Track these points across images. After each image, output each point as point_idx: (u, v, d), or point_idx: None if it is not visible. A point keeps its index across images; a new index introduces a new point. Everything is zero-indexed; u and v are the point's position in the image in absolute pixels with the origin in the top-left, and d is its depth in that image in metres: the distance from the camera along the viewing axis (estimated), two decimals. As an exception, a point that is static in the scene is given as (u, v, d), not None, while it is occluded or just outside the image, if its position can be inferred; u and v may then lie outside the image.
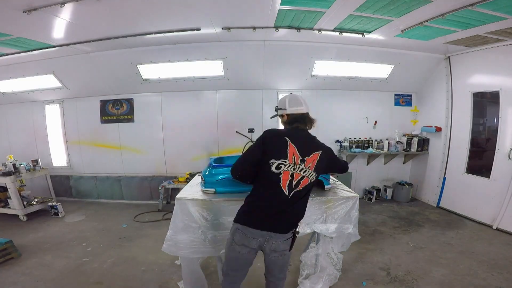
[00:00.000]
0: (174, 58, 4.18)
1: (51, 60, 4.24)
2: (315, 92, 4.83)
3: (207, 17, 3.09)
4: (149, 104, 4.90)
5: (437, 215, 4.19)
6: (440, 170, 4.52)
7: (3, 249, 2.92)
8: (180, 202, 1.97)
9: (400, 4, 2.62)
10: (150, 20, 3.14)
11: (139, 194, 5.11)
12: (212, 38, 3.75)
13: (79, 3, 2.52)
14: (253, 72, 4.47)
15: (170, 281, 2.57)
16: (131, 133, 4.97)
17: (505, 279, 2.49)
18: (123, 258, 3.00)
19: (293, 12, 2.93)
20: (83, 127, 5.06)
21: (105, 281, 2.57)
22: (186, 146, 4.91)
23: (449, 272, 2.64)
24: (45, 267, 2.83)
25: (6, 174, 4.05)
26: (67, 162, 5.20)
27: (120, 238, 3.52)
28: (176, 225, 1.96)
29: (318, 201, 2.04)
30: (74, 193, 5.29)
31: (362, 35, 3.50)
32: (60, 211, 4.34)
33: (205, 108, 4.84)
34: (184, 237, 1.94)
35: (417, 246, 3.19)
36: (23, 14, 2.61)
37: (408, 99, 5.05)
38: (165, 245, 1.96)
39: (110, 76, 4.56)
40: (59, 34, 3.38)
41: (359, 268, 2.74)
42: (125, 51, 4.08)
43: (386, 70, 4.55)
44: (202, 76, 4.50)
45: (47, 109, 5.10)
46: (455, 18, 2.85)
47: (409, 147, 4.81)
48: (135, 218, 4.25)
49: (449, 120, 4.39)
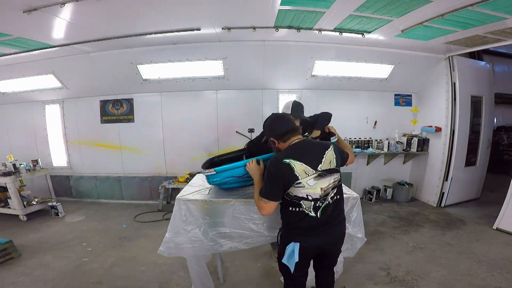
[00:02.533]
0: (174, 58, 4.17)
1: (51, 60, 4.24)
2: (315, 92, 4.83)
3: (207, 17, 3.09)
4: (149, 104, 4.90)
5: (437, 215, 4.19)
6: (440, 170, 4.52)
7: (3, 249, 2.93)
8: (180, 202, 1.97)
9: (400, 4, 2.61)
10: (150, 20, 3.14)
11: (139, 194, 5.11)
12: (212, 38, 3.75)
13: (79, 3, 2.52)
14: (253, 72, 4.47)
15: (170, 281, 2.57)
16: (131, 133, 4.97)
17: (505, 279, 2.49)
18: (123, 258, 3.00)
19: (293, 12, 2.93)
20: (83, 127, 5.06)
21: (105, 281, 2.58)
22: (186, 146, 4.91)
23: (449, 272, 2.64)
24: (45, 267, 2.83)
25: (6, 174, 4.05)
26: (67, 162, 5.20)
27: (120, 238, 3.52)
28: (176, 225, 1.95)
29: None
30: (74, 193, 5.29)
31: (362, 35, 3.50)
32: (60, 211, 4.34)
33: (205, 108, 4.85)
34: (185, 238, 1.92)
35: (417, 246, 3.18)
36: (23, 14, 2.61)
37: (408, 99, 5.05)
38: (163, 247, 1.92)
39: (110, 76, 4.56)
40: (59, 34, 3.38)
41: (359, 268, 2.74)
42: (125, 51, 4.08)
43: (386, 70, 4.54)
44: (202, 76, 4.49)
45: (47, 109, 5.11)
46: (455, 18, 2.84)
47: (409, 147, 4.80)
48: (135, 218, 4.25)
49: (449, 120, 4.39)
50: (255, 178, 1.71)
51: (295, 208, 1.54)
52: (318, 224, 1.55)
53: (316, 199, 1.52)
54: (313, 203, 1.52)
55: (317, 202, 1.52)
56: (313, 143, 1.65)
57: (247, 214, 1.91)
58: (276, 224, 1.92)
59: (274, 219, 1.88)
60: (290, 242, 1.55)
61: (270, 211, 1.56)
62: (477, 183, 4.87)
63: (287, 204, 1.57)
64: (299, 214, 1.54)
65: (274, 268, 2.75)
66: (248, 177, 1.97)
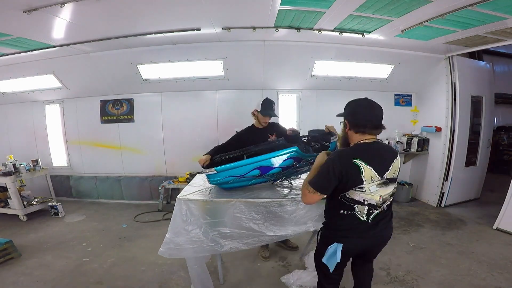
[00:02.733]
0: (174, 58, 4.17)
1: (51, 60, 4.23)
2: (315, 92, 4.82)
3: (207, 17, 3.09)
4: (149, 104, 4.90)
5: (437, 215, 4.19)
6: (440, 170, 4.52)
7: (3, 249, 2.92)
8: (181, 202, 1.97)
9: (400, 4, 2.61)
10: (150, 20, 3.14)
11: (139, 194, 5.11)
12: (212, 38, 3.75)
13: (79, 3, 2.52)
14: (253, 72, 4.47)
15: (170, 281, 2.57)
16: (131, 133, 4.97)
17: (505, 279, 2.49)
18: (123, 258, 3.00)
19: (293, 12, 2.92)
20: (83, 127, 5.05)
21: (105, 281, 2.57)
22: (186, 146, 4.90)
23: (449, 272, 2.64)
24: (45, 267, 2.83)
25: (6, 174, 4.05)
26: (67, 162, 5.20)
27: (120, 238, 3.52)
28: (176, 225, 1.95)
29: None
30: (74, 193, 5.28)
31: (362, 35, 3.49)
32: (60, 211, 4.34)
33: (205, 108, 4.84)
34: (185, 238, 1.92)
35: (417, 246, 3.19)
36: (23, 14, 2.60)
37: (408, 99, 5.05)
38: (163, 248, 1.91)
39: (110, 76, 4.56)
40: (59, 34, 3.37)
41: (359, 268, 2.74)
42: (125, 51, 4.08)
43: (386, 70, 4.54)
44: (202, 76, 4.49)
45: (47, 109, 5.10)
46: (455, 18, 2.84)
47: (409, 147, 4.80)
48: (135, 218, 4.25)
49: (449, 120, 4.39)
50: (315, 165, 1.59)
51: (347, 212, 1.47)
52: (366, 228, 1.49)
53: (371, 205, 1.45)
54: (367, 208, 1.45)
55: (371, 209, 1.46)
56: (386, 148, 1.55)
57: (248, 214, 1.91)
58: (278, 224, 1.92)
59: (276, 220, 1.89)
60: (333, 243, 1.49)
61: (312, 201, 1.48)
62: (477, 183, 4.87)
63: (339, 206, 1.49)
64: (350, 217, 1.47)
65: (274, 268, 2.75)
66: (248, 177, 1.98)
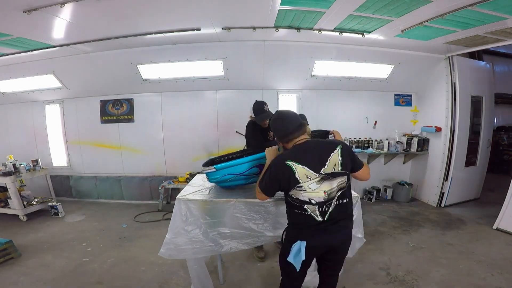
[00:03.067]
0: (174, 58, 4.18)
1: (51, 60, 4.24)
2: (315, 92, 4.82)
3: (207, 17, 3.09)
4: (149, 104, 4.90)
5: (437, 215, 4.19)
6: (440, 170, 4.52)
7: (3, 249, 2.92)
8: (180, 202, 1.96)
9: (400, 4, 2.62)
10: (150, 20, 3.14)
11: (139, 194, 5.10)
12: (212, 38, 3.75)
13: (79, 3, 2.52)
14: (253, 72, 4.47)
15: (170, 281, 2.57)
16: (131, 133, 4.97)
17: (505, 279, 2.49)
18: (123, 258, 3.00)
19: (293, 12, 2.93)
20: (83, 127, 5.05)
21: (105, 281, 2.57)
22: (186, 146, 4.91)
23: (449, 272, 2.64)
24: (45, 267, 2.83)
25: (6, 174, 4.04)
26: (67, 162, 5.20)
27: (120, 238, 3.52)
28: (176, 225, 1.95)
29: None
30: (74, 193, 5.28)
31: (362, 35, 3.50)
32: (60, 211, 4.34)
33: (205, 108, 4.84)
34: (185, 238, 1.92)
35: (417, 246, 3.18)
36: (23, 14, 2.61)
37: (408, 99, 5.05)
38: (163, 249, 1.90)
39: (110, 76, 4.56)
40: (59, 34, 3.38)
41: (359, 268, 2.74)
42: (125, 51, 4.08)
43: (386, 70, 4.55)
44: (202, 76, 4.49)
45: (47, 109, 5.10)
46: (455, 18, 2.84)
47: (409, 147, 4.80)
48: (135, 218, 4.25)
49: (449, 120, 4.39)
50: (266, 163, 1.71)
51: (300, 211, 1.52)
52: (325, 227, 1.51)
53: (320, 202, 1.48)
54: (317, 207, 1.48)
55: (322, 207, 1.48)
56: (318, 144, 1.56)
57: (247, 214, 1.91)
58: (278, 225, 1.92)
59: (276, 219, 1.88)
60: (296, 241, 1.52)
61: (262, 199, 1.68)
62: (477, 183, 4.87)
63: (292, 206, 1.55)
64: (306, 217, 1.51)
65: (274, 268, 2.75)
66: (248, 175, 1.97)
